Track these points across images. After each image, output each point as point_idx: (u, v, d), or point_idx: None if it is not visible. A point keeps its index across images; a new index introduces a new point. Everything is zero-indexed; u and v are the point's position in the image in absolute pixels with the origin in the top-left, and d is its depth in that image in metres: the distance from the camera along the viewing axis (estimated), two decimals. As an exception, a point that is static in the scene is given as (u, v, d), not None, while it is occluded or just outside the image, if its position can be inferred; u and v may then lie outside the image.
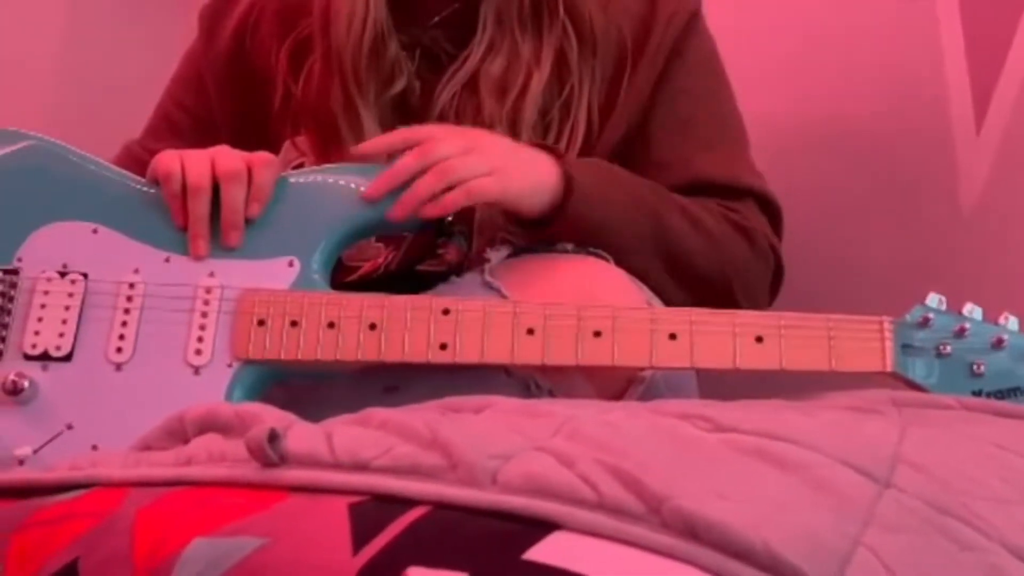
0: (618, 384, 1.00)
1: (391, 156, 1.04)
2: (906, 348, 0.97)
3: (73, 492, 0.71)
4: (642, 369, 1.00)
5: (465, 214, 1.11)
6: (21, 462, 0.94)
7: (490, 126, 1.11)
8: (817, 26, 1.47)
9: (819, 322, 0.97)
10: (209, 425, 0.76)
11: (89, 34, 1.97)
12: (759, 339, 0.96)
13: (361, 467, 0.65)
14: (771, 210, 1.19)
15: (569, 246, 1.07)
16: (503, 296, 1.00)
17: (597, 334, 0.97)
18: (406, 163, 1.01)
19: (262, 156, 1.03)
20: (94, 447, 0.95)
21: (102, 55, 1.96)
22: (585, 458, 0.63)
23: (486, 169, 1.01)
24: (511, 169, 1.03)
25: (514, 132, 1.12)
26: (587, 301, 0.98)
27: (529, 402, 0.84)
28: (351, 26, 1.12)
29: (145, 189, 1.04)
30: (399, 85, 1.15)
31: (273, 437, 0.66)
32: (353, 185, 1.03)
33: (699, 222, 1.11)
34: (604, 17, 1.16)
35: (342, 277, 1.11)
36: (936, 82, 1.35)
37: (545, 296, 0.98)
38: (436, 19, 1.18)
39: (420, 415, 0.72)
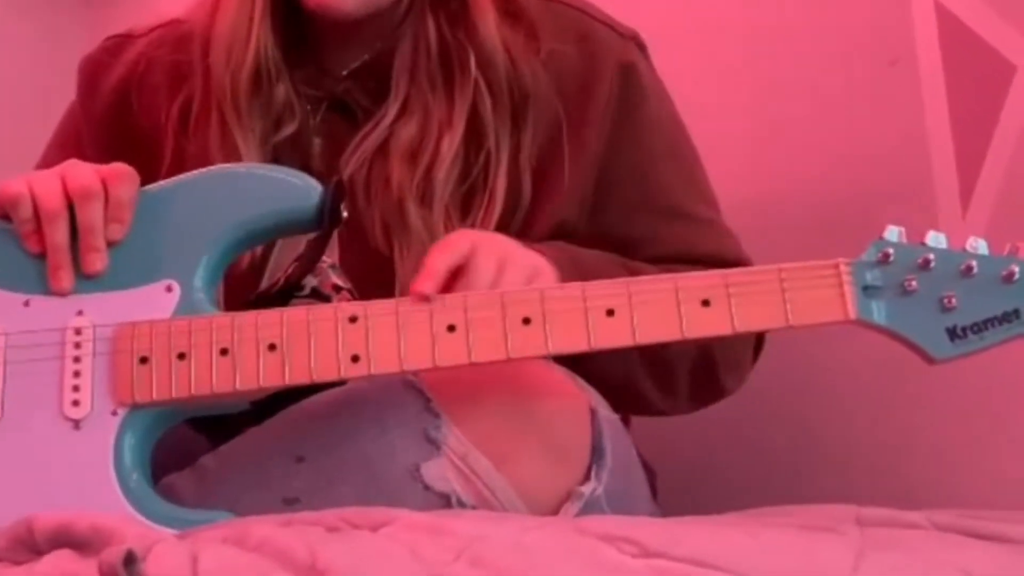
0: (552, 500, 0.88)
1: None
2: (868, 290, 0.87)
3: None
4: (578, 355, 0.89)
5: None
6: None
7: (400, 198, 1.02)
8: (793, 98, 1.37)
9: (769, 275, 0.87)
10: (63, 539, 0.68)
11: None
12: (706, 303, 0.86)
13: (229, 598, 0.58)
14: None
15: None
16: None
17: (526, 321, 0.86)
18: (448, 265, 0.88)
19: (116, 168, 0.91)
20: (-32, 526, 0.83)
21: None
22: None
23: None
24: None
25: (426, 203, 1.02)
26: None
27: (437, 517, 0.75)
28: (232, 52, 1.03)
29: (-12, 227, 0.91)
30: (288, 128, 1.05)
31: (130, 560, 0.58)
32: (227, 188, 0.91)
33: None
34: (531, 72, 1.05)
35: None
36: (921, 158, 1.26)
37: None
38: (346, 71, 1.08)
39: (307, 532, 0.65)
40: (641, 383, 1.01)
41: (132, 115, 1.12)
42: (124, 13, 1.21)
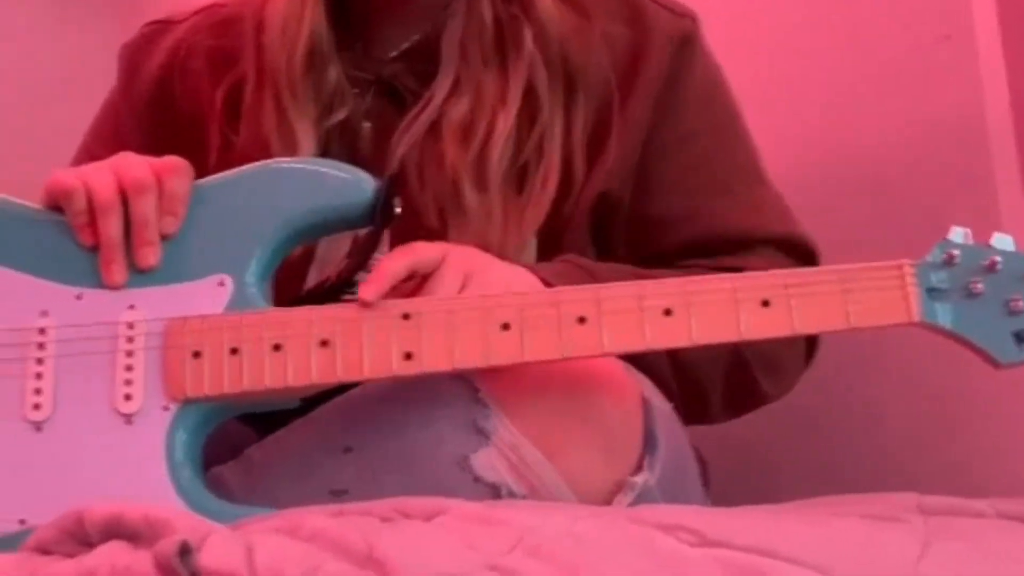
0: (604, 491, 0.86)
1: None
2: (932, 292, 0.85)
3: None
4: (632, 355, 0.88)
5: None
6: (-60, 548, 0.82)
7: (454, 178, 1.00)
8: (849, 69, 1.34)
9: (830, 275, 0.85)
10: (114, 531, 0.66)
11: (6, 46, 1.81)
12: (765, 303, 0.85)
13: (285, 588, 0.57)
14: (800, 253, 1.07)
15: None
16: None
17: (581, 320, 0.85)
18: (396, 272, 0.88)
19: (170, 161, 0.90)
20: (22, 522, 0.83)
21: (20, 69, 1.81)
22: None
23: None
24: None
25: (482, 182, 1.00)
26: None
27: (489, 507, 0.74)
28: (286, 30, 1.02)
29: (43, 218, 0.91)
30: (339, 114, 1.04)
31: (185, 551, 0.57)
32: (280, 183, 0.90)
33: None
34: (585, 47, 1.04)
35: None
36: (977, 128, 1.22)
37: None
38: (395, 53, 1.07)
39: (361, 522, 0.64)
40: (671, 395, 0.99)
41: (174, 102, 1.11)
42: (157, 9, 1.20)
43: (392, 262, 0.88)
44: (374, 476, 0.86)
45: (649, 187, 1.06)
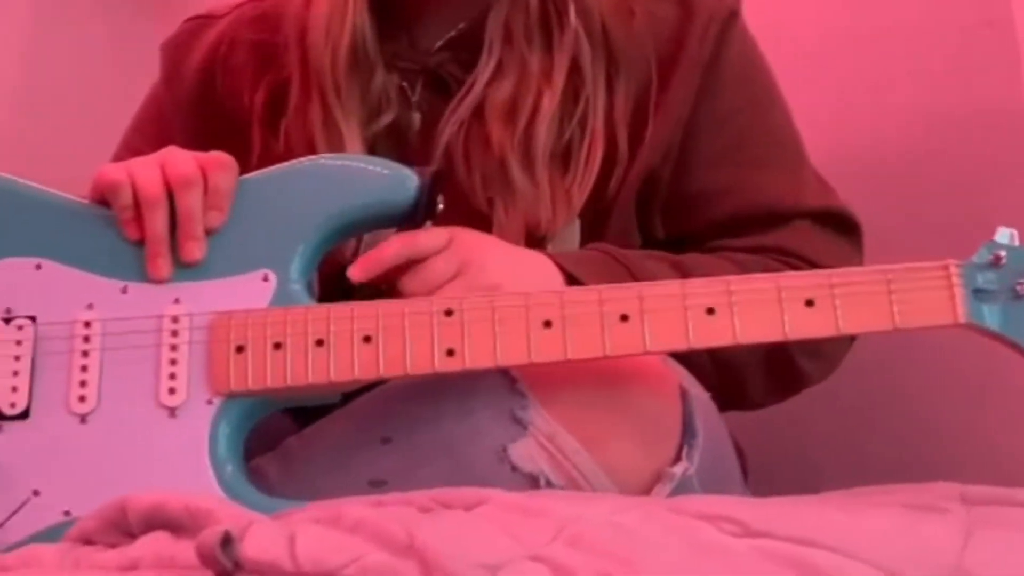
0: (643, 481, 0.86)
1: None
2: (978, 293, 0.84)
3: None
4: (676, 352, 0.87)
5: None
6: (-14, 538, 0.83)
7: (501, 158, 1.00)
8: (888, 56, 1.33)
9: (875, 275, 0.85)
10: (157, 521, 0.67)
11: (52, 45, 1.82)
12: (810, 303, 0.84)
13: (327, 579, 0.57)
14: (840, 226, 1.07)
15: None
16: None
17: (624, 318, 0.84)
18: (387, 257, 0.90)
19: (215, 156, 0.91)
20: (66, 513, 0.84)
21: (66, 67, 1.82)
22: (586, 570, 0.55)
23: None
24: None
25: (529, 160, 1.00)
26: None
27: (529, 496, 0.74)
28: (329, 30, 1.01)
29: (89, 212, 0.91)
30: (386, 118, 1.04)
31: (227, 541, 0.57)
32: (323, 179, 0.90)
33: None
34: (628, 28, 1.04)
35: None
36: (1019, 115, 1.21)
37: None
38: (440, 43, 1.06)
39: (401, 513, 0.64)
40: (707, 381, 0.98)
41: (217, 99, 1.11)
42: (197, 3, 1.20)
43: (388, 247, 0.89)
44: (413, 466, 0.86)
45: (688, 164, 1.06)
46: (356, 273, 0.87)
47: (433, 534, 0.60)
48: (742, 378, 1.03)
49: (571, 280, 0.94)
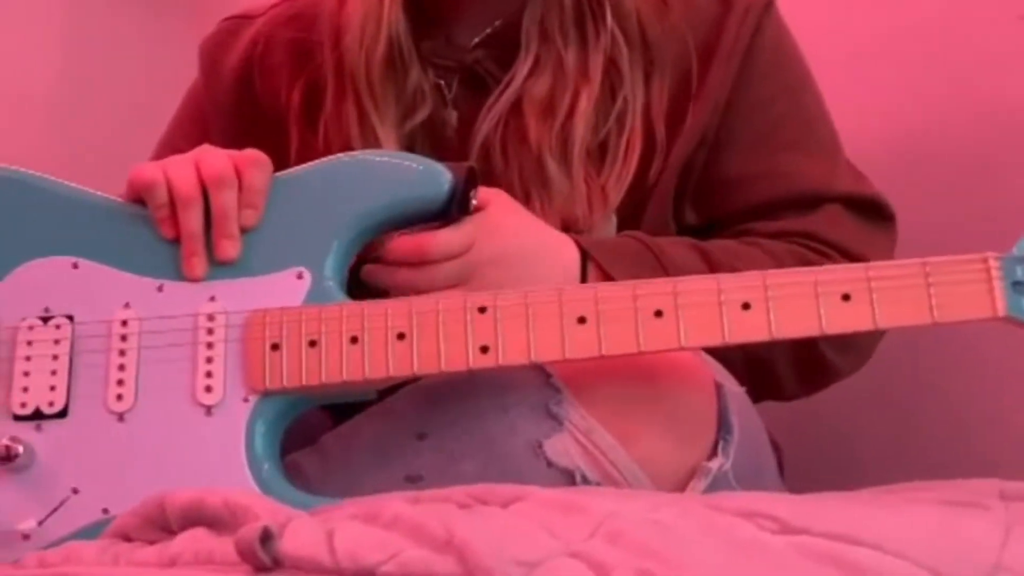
0: (678, 476, 0.86)
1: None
2: (1017, 286, 0.83)
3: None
4: (713, 348, 0.87)
5: None
6: (26, 537, 0.84)
7: (538, 154, 1.01)
8: (923, 51, 1.33)
9: (913, 268, 0.84)
10: (195, 517, 0.67)
11: (89, 45, 1.84)
12: (846, 297, 0.83)
13: (366, 574, 0.58)
14: (872, 212, 1.07)
15: None
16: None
17: (658, 314, 0.84)
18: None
19: (250, 155, 0.91)
20: (105, 511, 0.84)
21: (103, 67, 1.83)
22: (624, 567, 0.55)
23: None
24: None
25: (565, 156, 1.01)
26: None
27: (567, 493, 0.73)
28: (364, 32, 1.01)
29: (125, 210, 0.92)
30: (421, 114, 1.04)
31: (266, 537, 0.57)
32: (355, 177, 0.90)
33: None
34: (664, 23, 1.05)
35: None
36: None
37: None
38: (477, 40, 1.07)
39: (439, 508, 0.63)
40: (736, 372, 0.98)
41: (255, 99, 1.12)
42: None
43: (401, 243, 0.90)
44: (449, 462, 0.86)
45: (722, 149, 1.06)
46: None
47: (471, 530, 0.60)
48: (773, 372, 1.03)
49: (599, 272, 0.94)
